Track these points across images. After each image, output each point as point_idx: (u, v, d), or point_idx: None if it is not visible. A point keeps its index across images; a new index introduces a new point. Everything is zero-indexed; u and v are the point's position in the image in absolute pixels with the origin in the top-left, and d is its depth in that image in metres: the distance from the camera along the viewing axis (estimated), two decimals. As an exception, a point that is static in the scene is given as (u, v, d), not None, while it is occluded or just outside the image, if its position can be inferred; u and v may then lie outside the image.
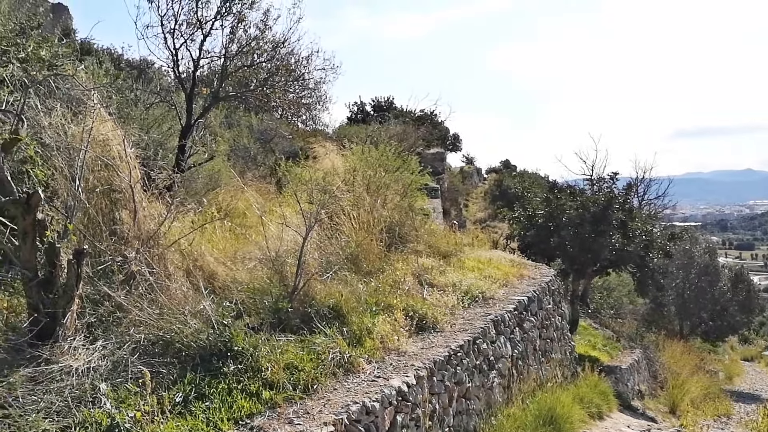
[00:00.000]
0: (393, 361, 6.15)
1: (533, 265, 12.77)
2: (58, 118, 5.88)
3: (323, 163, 11.44)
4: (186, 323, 5.25)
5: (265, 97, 14.29)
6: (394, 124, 22.11)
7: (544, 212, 18.23)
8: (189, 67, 12.79)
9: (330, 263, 7.30)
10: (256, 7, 12.46)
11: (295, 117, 20.28)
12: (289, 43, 12.98)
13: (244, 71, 13.01)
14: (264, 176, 15.95)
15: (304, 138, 20.01)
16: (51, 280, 4.75)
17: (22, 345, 4.57)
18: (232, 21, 12.45)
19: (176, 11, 11.99)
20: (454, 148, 35.81)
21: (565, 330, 12.24)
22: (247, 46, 12.66)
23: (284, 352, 5.40)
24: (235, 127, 19.40)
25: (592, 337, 19.56)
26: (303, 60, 13.68)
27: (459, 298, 8.42)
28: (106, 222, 5.87)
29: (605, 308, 24.23)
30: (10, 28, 5.42)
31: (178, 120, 12.97)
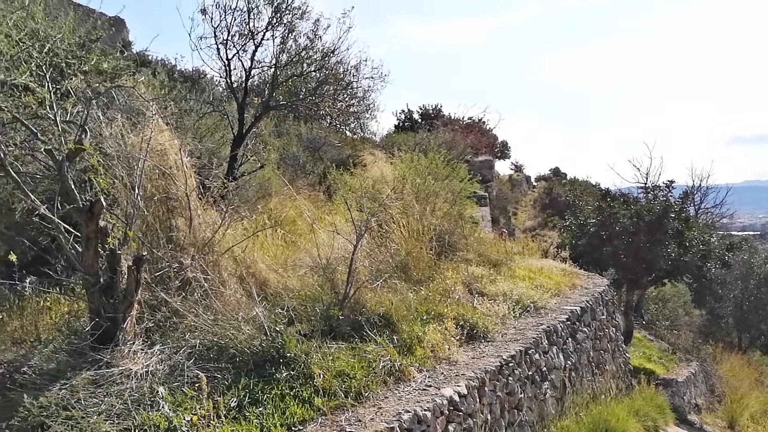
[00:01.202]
0: (444, 370, 6.12)
1: (585, 274, 12.54)
2: (118, 129, 6.07)
3: (372, 171, 11.48)
4: (240, 329, 5.33)
5: (315, 106, 14.47)
6: (443, 132, 22.06)
7: (597, 221, 17.87)
8: (241, 77, 13.08)
9: (380, 271, 7.31)
10: (306, 17, 12.64)
11: (344, 125, 20.43)
12: (338, 52, 13.11)
13: (294, 80, 13.19)
14: (313, 184, 16.12)
15: (352, 146, 20.16)
16: (112, 286, 4.89)
17: (84, 348, 4.72)
18: (282, 31, 12.67)
19: (229, 22, 12.29)
20: (503, 155, 35.53)
21: (620, 341, 11.96)
22: (297, 55, 12.83)
23: (335, 360, 5.43)
24: (284, 136, 19.67)
25: (646, 348, 19.06)
26: (352, 69, 13.81)
27: (510, 308, 8.32)
28: (163, 229, 6.01)
29: (660, 319, 23.57)
30: (75, 42, 5.62)
31: (230, 129, 13.23)
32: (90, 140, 5.35)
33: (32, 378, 4.40)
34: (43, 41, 5.35)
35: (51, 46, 5.32)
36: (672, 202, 18.06)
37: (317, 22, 12.63)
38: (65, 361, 4.64)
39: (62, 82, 5.69)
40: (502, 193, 28.15)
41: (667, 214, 16.99)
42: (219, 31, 12.29)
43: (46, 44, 5.33)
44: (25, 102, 4.87)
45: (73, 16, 5.77)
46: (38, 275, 7.23)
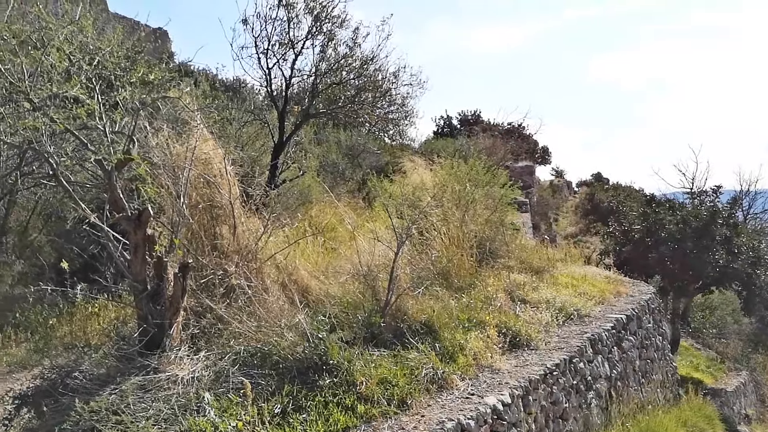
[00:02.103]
0: (487, 379, 6.06)
1: (631, 282, 12.27)
2: (164, 138, 6.20)
3: (411, 177, 11.47)
4: (282, 336, 5.37)
5: (354, 114, 14.55)
6: (483, 138, 21.93)
7: (641, 227, 17.51)
8: (281, 85, 13.24)
9: (421, 278, 7.29)
10: (346, 26, 12.74)
11: (383, 132, 20.49)
12: (377, 59, 13.17)
13: (334, 88, 13.29)
14: (352, 191, 16.20)
15: (391, 153, 20.20)
16: (159, 293, 4.98)
17: (133, 354, 4.81)
18: (322, 40, 12.79)
19: (269, 32, 12.47)
20: (543, 161, 35.11)
21: (666, 350, 11.69)
22: (337, 63, 12.93)
23: (378, 367, 5.43)
24: (324, 143, 19.82)
25: (694, 357, 18.58)
26: (390, 76, 13.85)
27: (553, 315, 8.20)
28: (207, 237, 6.11)
29: (707, 327, 22.95)
30: (122, 55, 5.77)
31: (271, 137, 13.39)
32: (137, 150, 5.47)
33: (83, 383, 4.51)
34: (93, 54, 5.50)
35: (100, 59, 5.46)
36: (719, 207, 17.61)
37: (356, 31, 12.73)
38: (114, 367, 4.74)
39: (110, 93, 5.84)
40: (542, 199, 27.82)
41: (715, 220, 16.57)
42: (260, 41, 12.49)
43: (95, 57, 5.48)
44: (75, 114, 5.00)
45: (121, 30, 5.91)
46: (87, 282, 7.43)
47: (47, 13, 5.39)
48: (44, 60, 5.09)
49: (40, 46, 5.32)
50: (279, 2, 12.20)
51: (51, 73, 5.06)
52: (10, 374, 7.12)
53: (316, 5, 12.32)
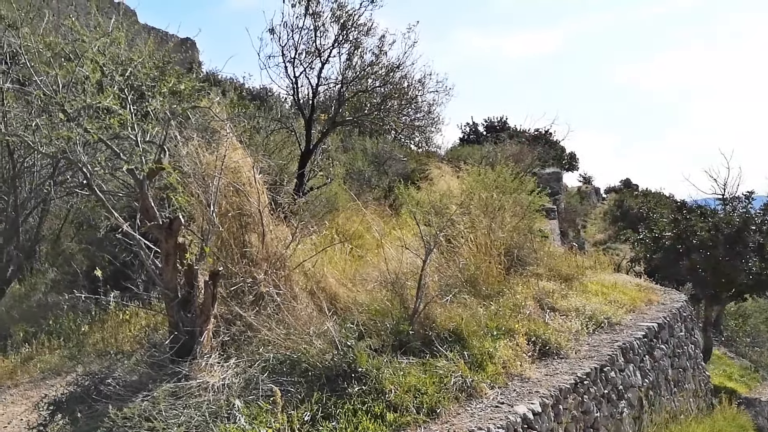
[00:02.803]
0: (516, 387, 6.00)
1: (662, 289, 12.08)
2: (194, 148, 6.27)
3: (438, 185, 11.46)
4: (311, 343, 5.38)
5: (380, 121, 14.58)
6: (509, 145, 21.83)
7: (672, 234, 17.23)
8: (308, 93, 13.34)
9: (449, 286, 7.26)
10: (372, 33, 12.80)
11: (409, 139, 20.49)
12: (403, 67, 13.20)
13: (360, 96, 13.34)
14: (378, 198, 16.22)
15: (417, 160, 20.20)
16: (189, 300, 5.03)
17: (164, 361, 4.86)
18: (348, 48, 12.86)
19: (296, 41, 12.59)
20: (571, 167, 34.84)
21: (699, 359, 11.47)
22: (363, 71, 12.98)
23: (407, 375, 5.41)
24: (350, 151, 19.90)
25: (727, 366, 18.19)
26: (416, 83, 13.86)
27: (583, 324, 8.09)
28: (237, 245, 6.16)
29: (741, 336, 22.48)
30: (154, 65, 5.86)
31: (298, 145, 13.49)
32: (168, 159, 5.54)
33: (116, 389, 4.57)
34: (125, 65, 5.59)
35: (132, 70, 5.55)
36: (752, 213, 17.26)
37: (383, 38, 12.78)
38: (146, 373, 4.80)
39: (142, 103, 5.93)
40: (570, 206, 27.57)
41: (748, 226, 16.24)
42: (287, 50, 12.62)
43: (127, 68, 5.57)
44: (108, 124, 5.08)
45: (152, 41, 6.01)
46: (118, 289, 7.53)
47: (81, 26, 5.49)
48: (78, 71, 5.19)
49: (73, 58, 5.43)
50: (306, 11, 12.32)
51: (84, 84, 5.15)
52: (43, 380, 7.24)
53: (343, 14, 12.40)
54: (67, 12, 16.35)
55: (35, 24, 8.82)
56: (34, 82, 5.78)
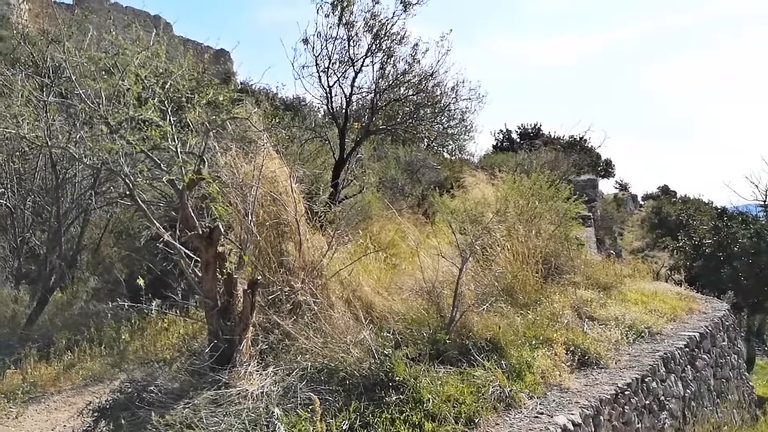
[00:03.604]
0: (555, 397, 5.92)
1: (703, 298, 11.83)
2: (232, 158, 6.36)
3: (473, 192, 11.41)
4: (348, 352, 5.38)
5: (413, 129, 14.60)
6: (544, 152, 21.65)
7: (713, 241, 16.91)
8: (341, 103, 13.42)
9: (485, 295, 7.20)
10: (405, 42, 12.85)
11: (442, 147, 20.49)
12: (437, 75, 13.21)
13: (393, 105, 13.38)
14: (412, 206, 16.22)
15: (450, 167, 20.17)
16: (229, 309, 5.08)
17: (204, 369, 4.92)
18: (381, 57, 12.92)
19: (330, 51, 12.68)
20: (607, 174, 34.38)
21: (742, 369, 11.19)
22: (396, 80, 13.02)
23: (444, 384, 5.37)
24: (383, 159, 19.96)
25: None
26: (449, 91, 13.86)
27: (623, 333, 7.97)
28: (274, 253, 6.21)
29: (785, 345, 21.87)
30: (193, 77, 5.97)
31: (332, 154, 13.57)
32: (207, 170, 5.62)
33: (158, 396, 4.63)
34: (165, 78, 5.70)
35: (172, 82, 5.65)
36: (796, 220, 16.85)
37: (416, 47, 12.83)
38: (187, 381, 4.85)
39: (181, 114, 6.04)
40: (607, 213, 27.17)
41: (791, 233, 15.87)
42: (320, 60, 12.73)
43: (167, 81, 5.67)
44: (150, 135, 5.19)
45: (191, 54, 6.12)
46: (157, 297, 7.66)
47: (124, 41, 5.62)
48: (120, 85, 5.31)
49: (114, 72, 5.55)
50: (339, 21, 12.42)
51: (126, 96, 5.26)
52: (85, 387, 7.39)
53: (376, 23, 12.48)
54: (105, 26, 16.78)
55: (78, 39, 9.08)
56: (76, 95, 5.92)
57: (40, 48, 11.43)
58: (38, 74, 10.56)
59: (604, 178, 33.88)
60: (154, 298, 7.27)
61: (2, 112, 7.99)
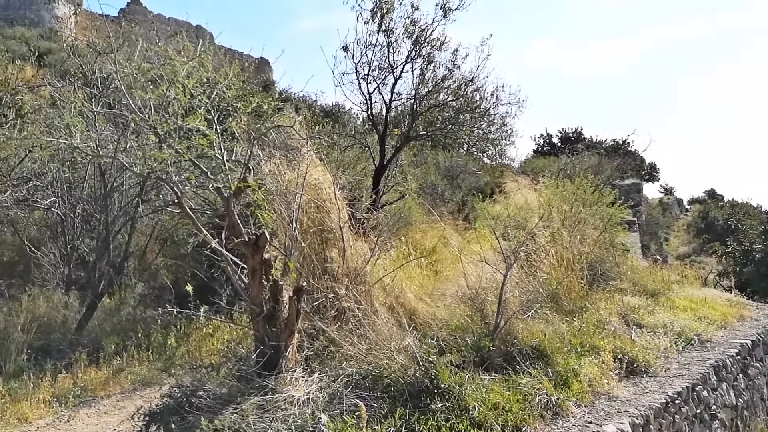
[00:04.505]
0: (604, 406, 5.81)
1: (754, 304, 11.49)
2: (276, 165, 6.43)
3: (515, 198, 11.30)
4: (393, 359, 5.37)
5: (453, 135, 14.56)
6: (587, 156, 21.34)
7: (763, 246, 16.41)
8: (381, 109, 13.46)
9: (530, 301, 7.12)
10: (445, 48, 12.83)
11: (482, 152, 20.37)
12: (477, 80, 13.15)
13: (433, 110, 13.36)
14: (452, 212, 16.16)
15: (490, 173, 20.04)
16: (274, 315, 5.13)
17: (251, 375, 4.97)
18: (421, 63, 12.93)
19: (369, 58, 12.75)
20: (651, 178, 33.72)
21: (797, 379, 10.80)
22: (435, 86, 13.00)
23: (490, 392, 5.32)
24: (423, 165, 19.94)
25: (826, 387, 17.07)
26: (489, 96, 13.78)
27: (672, 341, 7.79)
28: (318, 260, 6.24)
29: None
30: (239, 86, 6.06)
31: (372, 161, 13.62)
32: (253, 177, 5.69)
33: (207, 401, 4.70)
34: (211, 88, 5.80)
35: (218, 92, 5.75)
36: None
37: (455, 52, 12.81)
38: (235, 387, 4.91)
39: (226, 123, 6.14)
40: (652, 218, 26.64)
41: None
42: (360, 67, 12.80)
43: (213, 90, 5.77)
44: (197, 144, 5.28)
45: (237, 64, 6.22)
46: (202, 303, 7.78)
47: (171, 51, 5.74)
48: (168, 95, 5.42)
49: (161, 82, 5.67)
50: (379, 28, 12.47)
51: (174, 106, 5.37)
52: (134, 391, 7.55)
53: (415, 29, 12.50)
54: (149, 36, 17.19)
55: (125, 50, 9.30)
56: (124, 105, 6.07)
57: (89, 60, 11.77)
58: (87, 85, 10.88)
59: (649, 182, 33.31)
60: (201, 304, 7.38)
61: (55, 122, 8.28)
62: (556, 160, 21.22)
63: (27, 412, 6.77)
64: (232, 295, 7.87)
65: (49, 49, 28.43)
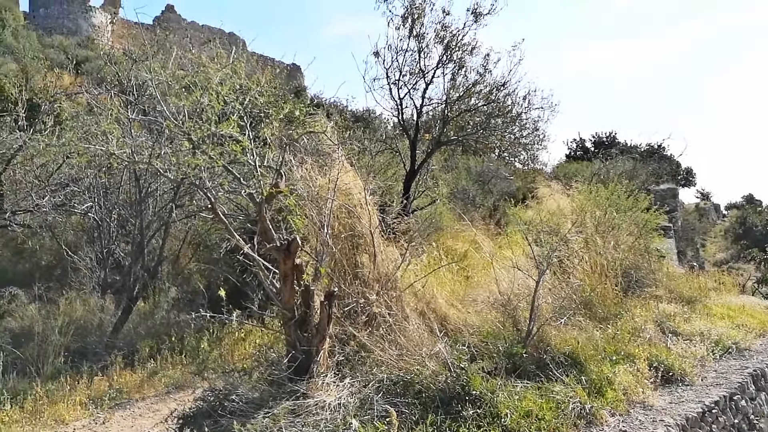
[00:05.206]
0: (639, 415, 5.70)
1: (795, 312, 11.18)
2: (308, 171, 6.46)
3: (547, 203, 11.18)
4: (424, 365, 5.35)
5: (484, 139, 14.47)
6: (621, 161, 21.04)
7: (804, 252, 15.99)
8: (412, 114, 13.46)
9: (563, 308, 7.03)
10: (476, 53, 12.78)
11: (514, 157, 20.22)
12: (508, 85, 13.07)
13: (464, 115, 13.31)
14: (483, 217, 16.06)
15: (522, 177, 19.88)
16: (306, 320, 5.15)
17: (283, 379, 4.99)
18: (452, 68, 12.90)
19: (400, 63, 12.76)
20: (687, 183, 33.11)
21: (841, 390, 10.47)
22: (466, 91, 12.95)
23: (522, 399, 5.26)
24: (454, 170, 19.87)
25: None
26: (521, 100, 13.68)
27: (709, 349, 7.62)
28: (349, 265, 6.24)
29: None
30: (271, 93, 6.10)
31: (403, 166, 13.62)
32: (284, 183, 5.73)
33: (239, 405, 4.73)
34: (244, 94, 5.86)
35: (251, 98, 5.80)
36: None
37: (487, 57, 12.75)
38: (267, 391, 4.93)
39: (258, 129, 6.19)
40: (688, 224, 26.16)
41: None
42: (391, 72, 12.82)
43: (246, 97, 5.83)
44: (230, 150, 5.34)
45: (270, 71, 6.26)
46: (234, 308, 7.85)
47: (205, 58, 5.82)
48: (202, 101, 5.49)
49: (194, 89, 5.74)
50: (410, 34, 12.48)
51: (208, 113, 5.43)
52: (168, 394, 7.64)
53: (447, 34, 12.48)
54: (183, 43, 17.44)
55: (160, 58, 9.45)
56: (159, 112, 6.16)
57: (125, 67, 12.00)
58: (123, 92, 11.08)
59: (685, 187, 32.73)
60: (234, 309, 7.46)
61: (92, 129, 8.44)
62: (589, 165, 20.94)
63: (64, 413, 6.90)
64: (263, 299, 7.93)
65: (86, 57, 29.11)
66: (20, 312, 9.57)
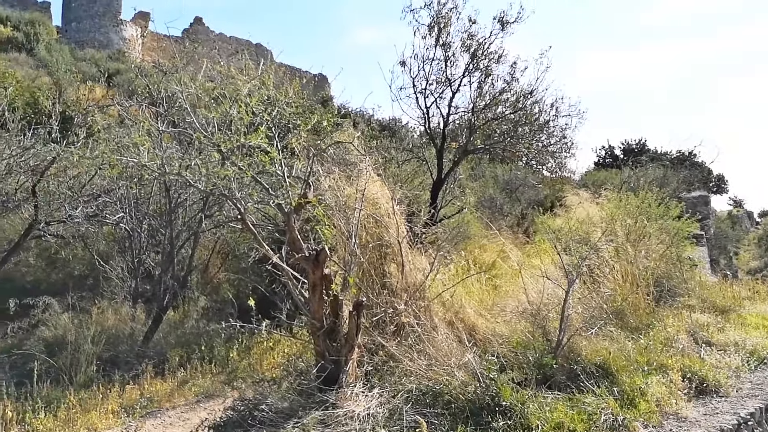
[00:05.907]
0: (672, 427, 5.59)
1: (834, 323, 10.88)
2: (335, 181, 6.50)
3: (576, 211, 11.08)
4: (453, 375, 5.32)
5: (512, 148, 14.40)
6: (651, 168, 20.76)
7: (841, 260, 15.58)
8: (439, 123, 13.46)
9: (593, 318, 6.94)
10: (503, 61, 12.74)
11: (541, 165, 20.08)
12: (536, 93, 13.00)
13: (491, 124, 13.26)
14: (511, 225, 15.97)
15: (550, 186, 19.74)
16: (334, 330, 5.16)
17: (312, 389, 5.00)
18: (479, 76, 12.87)
19: (427, 72, 12.77)
20: (719, 190, 32.56)
21: None
22: (493, 99, 12.91)
23: (553, 410, 5.20)
24: (481, 179, 19.80)
25: None
26: (548, 108, 13.60)
27: (743, 359, 7.44)
28: (377, 275, 6.25)
29: None
30: (299, 104, 6.16)
31: (430, 175, 13.60)
32: (312, 193, 5.76)
33: (269, 415, 4.75)
34: (272, 106, 5.92)
35: (279, 109, 5.86)
36: None
37: (514, 65, 12.70)
38: (296, 401, 4.95)
39: (288, 139, 6.25)
40: (720, 232, 25.68)
41: None
42: (417, 81, 12.84)
43: (274, 108, 5.89)
44: (259, 161, 5.39)
45: (297, 83, 6.33)
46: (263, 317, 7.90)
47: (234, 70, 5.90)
48: (231, 113, 5.56)
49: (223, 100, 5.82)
50: (436, 42, 12.49)
51: (237, 124, 5.50)
52: (198, 403, 7.69)
53: (473, 43, 12.46)
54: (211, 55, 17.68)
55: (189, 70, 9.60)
56: (188, 124, 6.25)
57: (155, 80, 12.20)
58: (153, 104, 11.26)
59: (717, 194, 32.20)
60: (262, 318, 7.50)
61: (124, 141, 8.60)
62: (618, 173, 20.71)
63: (96, 422, 6.98)
64: (292, 309, 7.96)
65: (117, 69, 29.63)
66: (53, 321, 9.72)
